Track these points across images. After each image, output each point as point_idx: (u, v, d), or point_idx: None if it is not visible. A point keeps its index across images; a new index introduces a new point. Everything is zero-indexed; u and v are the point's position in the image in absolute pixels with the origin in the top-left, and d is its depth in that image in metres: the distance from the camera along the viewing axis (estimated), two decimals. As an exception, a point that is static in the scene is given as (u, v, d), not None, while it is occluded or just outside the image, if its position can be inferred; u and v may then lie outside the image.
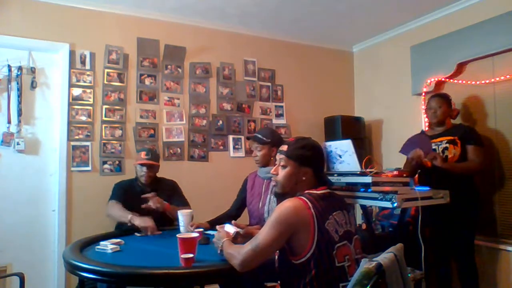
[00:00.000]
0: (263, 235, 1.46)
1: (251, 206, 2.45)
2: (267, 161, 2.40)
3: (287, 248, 1.49)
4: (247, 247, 1.48)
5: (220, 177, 3.56)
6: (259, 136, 2.40)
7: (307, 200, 1.49)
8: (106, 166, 3.17)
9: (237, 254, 1.50)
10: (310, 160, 1.62)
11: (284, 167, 1.64)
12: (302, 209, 1.46)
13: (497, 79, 2.94)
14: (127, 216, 2.33)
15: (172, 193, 2.67)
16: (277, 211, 1.47)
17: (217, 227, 1.83)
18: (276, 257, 1.58)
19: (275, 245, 1.47)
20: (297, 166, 1.61)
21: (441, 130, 2.80)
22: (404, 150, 2.67)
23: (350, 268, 1.48)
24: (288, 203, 1.48)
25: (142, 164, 2.61)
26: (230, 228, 1.81)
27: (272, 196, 2.34)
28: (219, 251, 1.65)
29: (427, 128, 3.11)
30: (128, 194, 2.59)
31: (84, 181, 3.09)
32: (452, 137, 2.70)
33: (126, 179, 2.79)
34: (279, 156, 1.68)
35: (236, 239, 1.75)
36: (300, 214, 1.45)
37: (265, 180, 2.43)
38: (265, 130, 2.60)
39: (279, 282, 1.63)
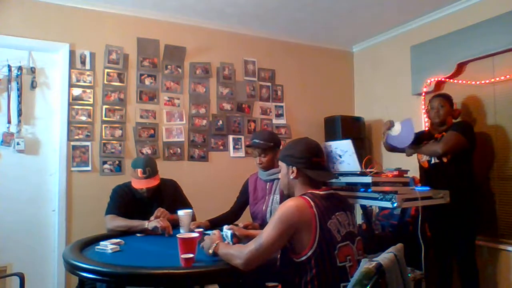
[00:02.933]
0: (266, 234, 1.47)
1: (255, 209, 2.41)
2: (272, 164, 2.34)
3: (289, 246, 1.50)
4: (250, 246, 1.48)
5: (220, 177, 3.56)
6: (262, 142, 2.30)
7: (309, 199, 1.50)
8: (106, 166, 3.17)
9: (240, 253, 1.50)
10: (292, 159, 1.63)
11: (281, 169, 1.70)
12: (304, 208, 1.47)
13: (497, 79, 2.94)
14: (143, 223, 2.23)
15: (175, 196, 2.57)
16: (280, 210, 1.48)
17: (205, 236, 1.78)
18: (278, 255, 1.58)
19: (278, 244, 1.47)
20: (286, 167, 1.66)
21: (443, 129, 2.80)
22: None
23: (352, 268, 1.48)
24: (291, 202, 1.49)
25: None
26: (227, 232, 1.78)
27: (274, 197, 2.33)
28: (209, 252, 1.63)
29: (427, 128, 3.10)
30: (127, 202, 2.43)
31: (84, 181, 3.09)
32: None
33: (124, 183, 2.55)
34: None
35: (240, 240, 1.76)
36: (302, 213, 1.46)
37: (268, 183, 2.41)
38: (264, 133, 2.40)
39: (280, 282, 1.63)
